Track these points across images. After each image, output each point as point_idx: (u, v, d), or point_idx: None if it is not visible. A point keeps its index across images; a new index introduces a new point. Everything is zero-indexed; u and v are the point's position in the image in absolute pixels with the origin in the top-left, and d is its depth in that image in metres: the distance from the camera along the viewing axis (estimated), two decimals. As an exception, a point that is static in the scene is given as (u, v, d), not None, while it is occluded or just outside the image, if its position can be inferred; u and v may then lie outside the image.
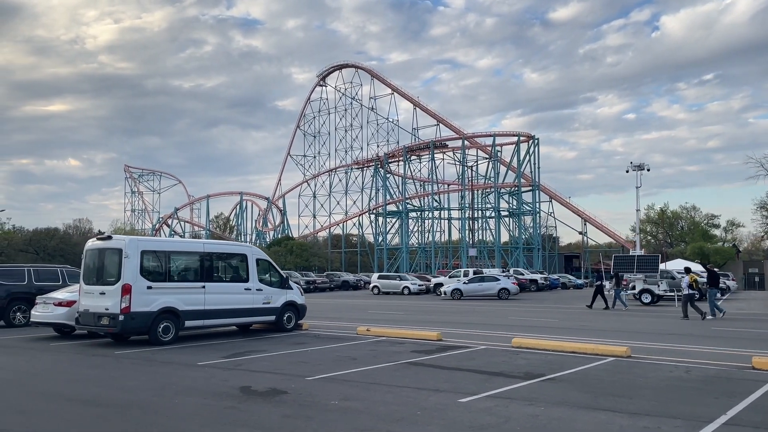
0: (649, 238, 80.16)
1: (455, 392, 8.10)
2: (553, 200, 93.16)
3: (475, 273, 38.12)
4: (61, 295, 14.67)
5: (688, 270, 21.83)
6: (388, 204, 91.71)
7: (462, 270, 42.30)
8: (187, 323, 13.59)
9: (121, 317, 12.48)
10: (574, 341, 13.20)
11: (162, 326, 13.03)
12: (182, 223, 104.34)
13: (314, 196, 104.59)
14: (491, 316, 22.04)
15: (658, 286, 28.26)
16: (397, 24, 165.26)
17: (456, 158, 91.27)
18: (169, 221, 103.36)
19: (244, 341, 13.92)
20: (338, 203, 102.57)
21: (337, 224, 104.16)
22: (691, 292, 20.34)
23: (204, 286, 13.99)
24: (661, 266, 27.30)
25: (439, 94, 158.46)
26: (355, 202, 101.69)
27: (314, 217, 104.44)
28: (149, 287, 12.96)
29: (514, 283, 33.53)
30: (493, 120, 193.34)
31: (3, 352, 12.35)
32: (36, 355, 12.03)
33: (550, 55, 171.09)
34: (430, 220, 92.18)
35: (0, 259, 62.90)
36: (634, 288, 29.25)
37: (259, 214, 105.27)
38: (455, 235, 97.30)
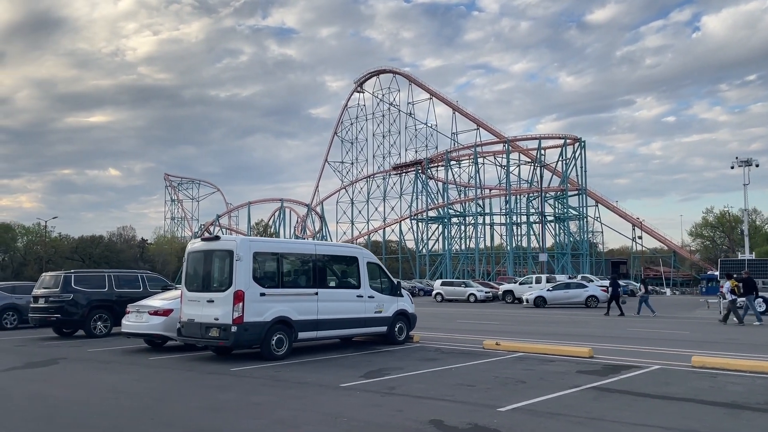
0: (707, 243, 76.44)
1: (726, 434, 6.16)
2: (599, 204, 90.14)
3: (548, 280, 35.86)
4: (156, 302, 13.12)
5: (729, 276, 21.49)
6: (430, 210, 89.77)
7: (533, 276, 39.97)
8: (300, 335, 11.91)
9: (233, 328, 10.84)
10: (761, 359, 11.08)
11: (276, 338, 11.37)
12: (223, 230, 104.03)
13: (352, 203, 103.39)
14: (605, 326, 19.82)
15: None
16: (431, 30, 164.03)
17: (498, 162, 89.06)
18: (211, 228, 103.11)
19: (362, 356, 12.16)
20: (376, 209, 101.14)
21: (376, 231, 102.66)
22: (732, 297, 20.46)
23: (317, 293, 12.31)
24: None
25: (473, 99, 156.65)
26: (393, 209, 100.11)
27: (352, 224, 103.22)
28: (262, 294, 11.32)
29: (602, 290, 31.14)
30: (528, 125, 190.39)
31: (103, 369, 10.80)
32: (144, 373, 10.43)
33: (587, 57, 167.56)
34: (472, 226, 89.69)
35: (48, 266, 62.96)
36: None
37: (297, 221, 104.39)
38: (497, 241, 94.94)
